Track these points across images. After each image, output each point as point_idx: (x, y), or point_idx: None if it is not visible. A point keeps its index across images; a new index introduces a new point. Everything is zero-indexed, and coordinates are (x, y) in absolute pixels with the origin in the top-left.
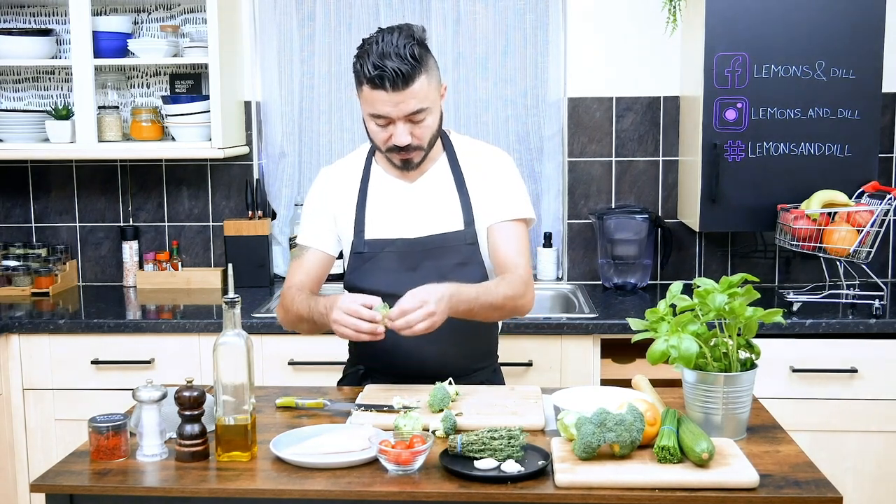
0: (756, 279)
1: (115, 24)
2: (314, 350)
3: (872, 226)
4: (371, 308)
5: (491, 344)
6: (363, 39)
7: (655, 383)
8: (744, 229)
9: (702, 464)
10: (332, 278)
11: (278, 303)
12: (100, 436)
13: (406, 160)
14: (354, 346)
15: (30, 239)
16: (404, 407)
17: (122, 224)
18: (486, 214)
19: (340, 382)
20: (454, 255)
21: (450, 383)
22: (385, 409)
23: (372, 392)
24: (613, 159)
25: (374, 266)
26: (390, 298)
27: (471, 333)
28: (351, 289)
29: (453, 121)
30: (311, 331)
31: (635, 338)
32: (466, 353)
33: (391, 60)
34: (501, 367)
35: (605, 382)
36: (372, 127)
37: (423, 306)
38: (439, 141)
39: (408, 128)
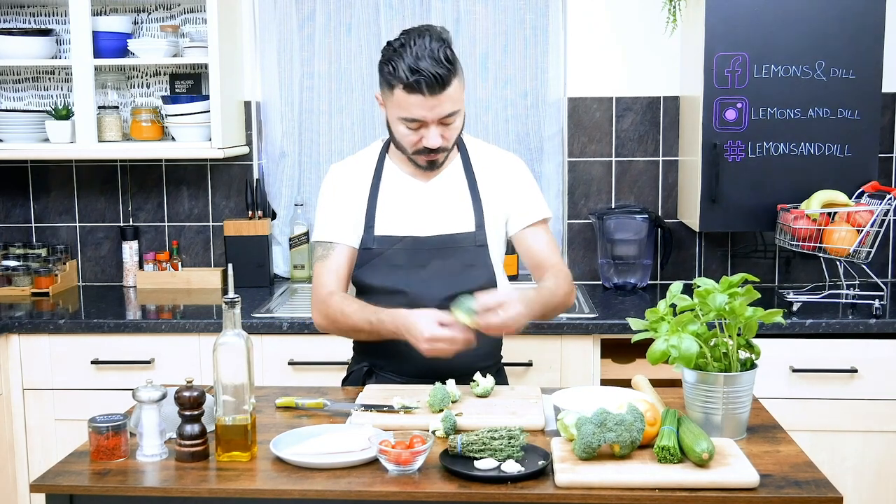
0: (756, 279)
1: (115, 24)
2: (314, 350)
3: (872, 226)
4: (450, 323)
5: (495, 343)
6: (389, 42)
7: (655, 383)
8: (744, 229)
9: (702, 464)
10: None
11: (317, 309)
12: (100, 436)
13: (432, 161)
14: (359, 344)
15: (30, 239)
16: (404, 407)
17: (122, 224)
18: (514, 219)
19: (345, 381)
20: (463, 255)
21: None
22: (385, 409)
23: (372, 392)
24: (613, 159)
25: (382, 262)
26: (400, 295)
27: (476, 332)
28: (358, 284)
29: None
30: (370, 339)
31: (635, 338)
32: (471, 352)
33: (428, 64)
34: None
35: (605, 382)
36: (401, 130)
37: (511, 305)
38: None
39: (439, 130)
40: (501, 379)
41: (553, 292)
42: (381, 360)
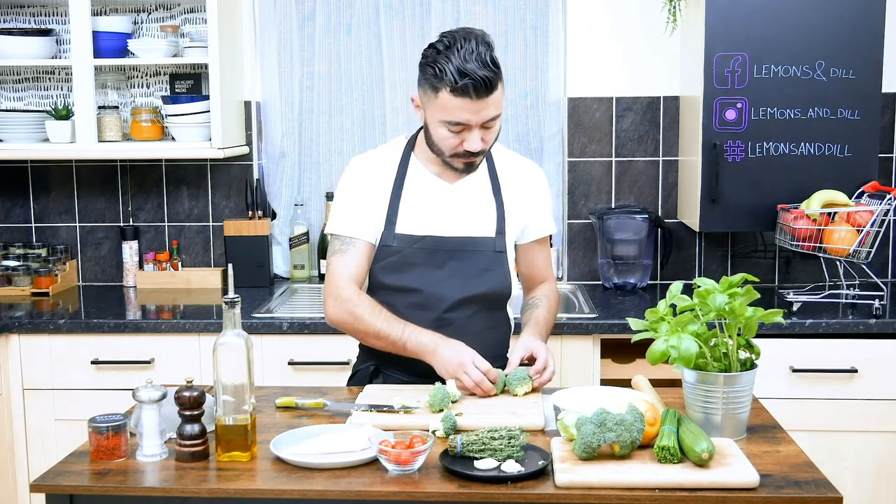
0: (756, 279)
1: (115, 24)
2: (314, 350)
3: (872, 226)
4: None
5: (503, 345)
6: (432, 44)
7: (655, 383)
8: (744, 229)
9: (702, 464)
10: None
11: (338, 304)
12: (100, 436)
13: (469, 164)
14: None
15: (30, 239)
16: (404, 407)
17: (122, 224)
18: (527, 230)
19: (351, 380)
20: (481, 259)
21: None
22: (385, 409)
23: (372, 392)
24: (613, 159)
25: (401, 261)
26: (414, 293)
27: (484, 333)
28: (373, 281)
29: None
30: (385, 349)
31: (635, 338)
32: (480, 353)
33: (475, 67)
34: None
35: (604, 382)
36: (442, 132)
37: (548, 357)
38: None
39: (479, 133)
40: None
41: (550, 320)
42: (387, 359)
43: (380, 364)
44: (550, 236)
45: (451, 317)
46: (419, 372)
